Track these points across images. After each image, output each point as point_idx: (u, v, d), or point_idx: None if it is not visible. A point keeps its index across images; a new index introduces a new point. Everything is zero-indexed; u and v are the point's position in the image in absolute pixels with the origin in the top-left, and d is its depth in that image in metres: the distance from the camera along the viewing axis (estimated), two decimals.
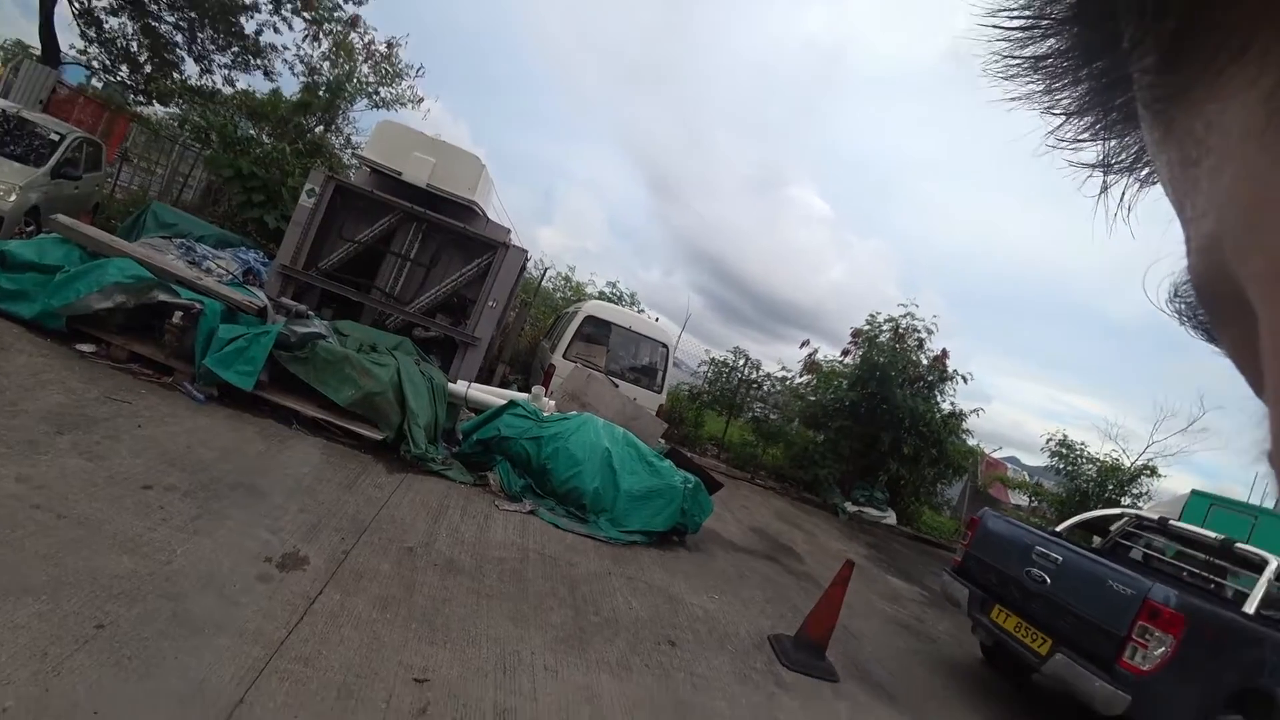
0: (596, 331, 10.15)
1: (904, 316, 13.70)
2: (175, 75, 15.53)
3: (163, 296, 5.45)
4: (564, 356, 9.54)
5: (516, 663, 3.39)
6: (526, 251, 9.29)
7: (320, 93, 14.59)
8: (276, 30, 15.49)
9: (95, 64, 15.57)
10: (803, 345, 14.49)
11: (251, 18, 15.22)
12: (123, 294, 5.35)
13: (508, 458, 6.36)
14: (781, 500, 12.37)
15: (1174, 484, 14.40)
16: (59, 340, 5.35)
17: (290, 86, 15.66)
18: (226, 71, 15.97)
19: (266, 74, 16.14)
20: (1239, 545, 5.92)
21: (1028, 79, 0.31)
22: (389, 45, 15.36)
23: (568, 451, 6.30)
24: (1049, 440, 15.87)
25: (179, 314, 5.44)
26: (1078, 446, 15.68)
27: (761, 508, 10.74)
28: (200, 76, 15.85)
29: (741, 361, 14.79)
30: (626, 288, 19.07)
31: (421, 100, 15.99)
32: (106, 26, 14.88)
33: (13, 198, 7.59)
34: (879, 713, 4.55)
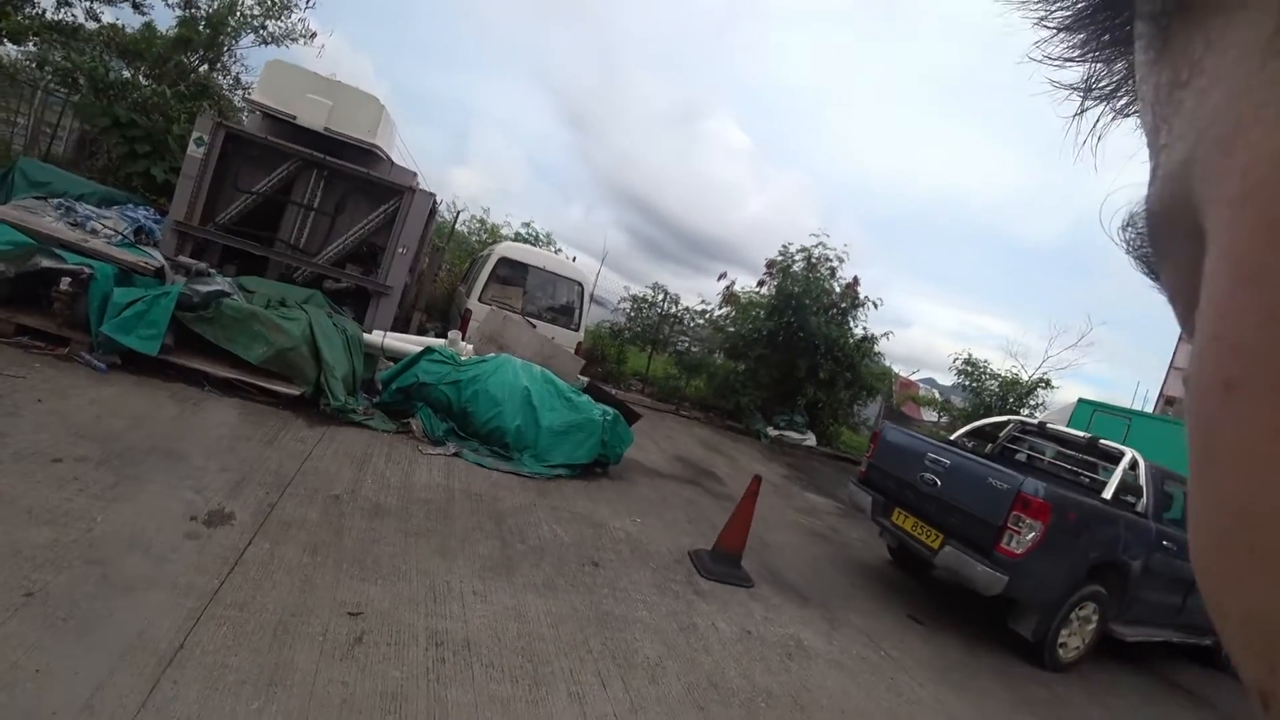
0: (512, 273, 10.19)
1: (816, 246, 14.25)
2: (28, 9, 13.99)
3: (46, 263, 5.21)
4: (480, 300, 9.57)
5: (446, 591, 3.66)
6: (435, 195, 9.15)
7: (200, 28, 13.55)
8: None
9: None
10: (720, 278, 14.90)
11: None
12: (2, 263, 5.08)
13: (429, 404, 6.49)
14: (705, 429, 12.94)
15: (1068, 395, 16.00)
16: None
17: (165, 21, 14.45)
18: (89, 4, 14.52)
19: (136, 6, 14.80)
20: (1102, 442, 6.75)
21: None
22: None
23: (487, 393, 6.48)
24: (955, 360, 17.07)
25: (67, 280, 5.21)
26: (981, 365, 16.96)
27: (685, 437, 11.25)
28: (58, 9, 14.36)
29: (660, 296, 15.10)
30: (542, 228, 18.95)
31: (314, 35, 15.08)
32: None
33: None
34: (791, 611, 5.05)
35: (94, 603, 2.65)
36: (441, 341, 7.20)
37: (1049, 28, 0.32)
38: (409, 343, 7.25)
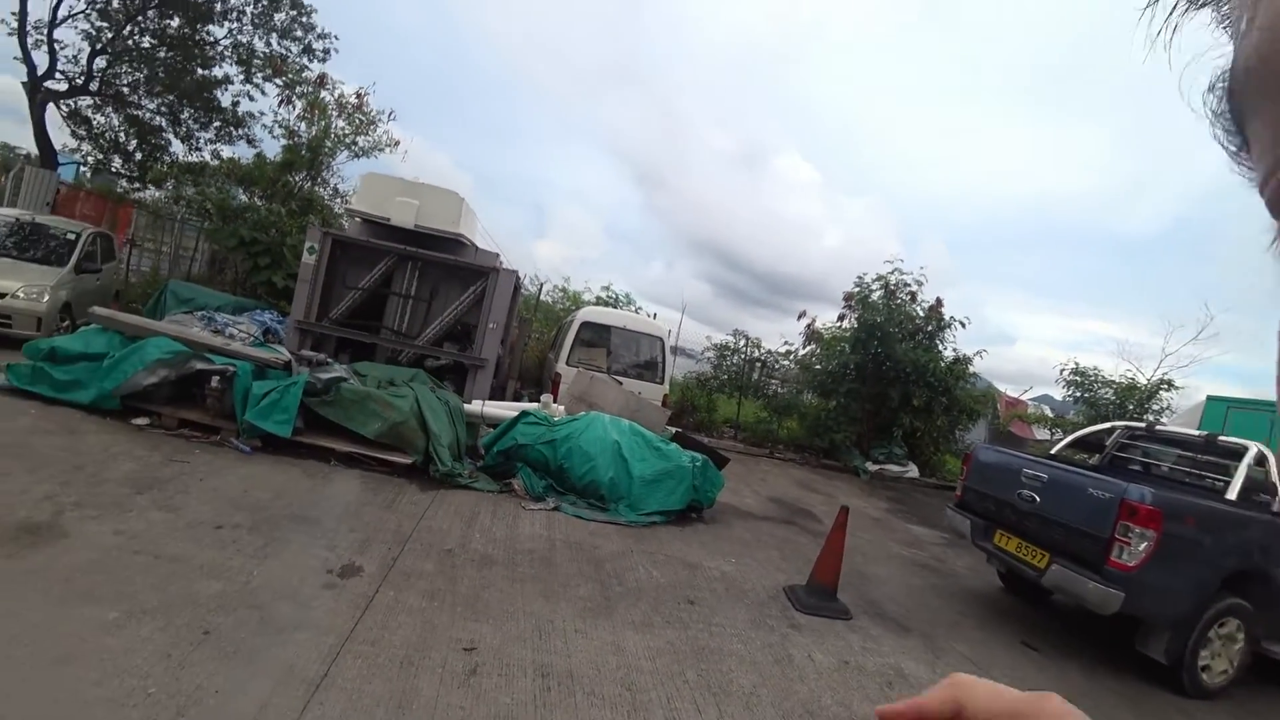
0: (595, 335, 10.76)
1: (892, 273, 14.12)
2: (165, 157, 16.34)
3: (200, 365, 6.10)
4: (567, 363, 10.15)
5: (550, 629, 3.96)
6: (517, 272, 9.90)
7: (302, 152, 15.34)
8: (251, 98, 16.25)
9: (89, 160, 16.43)
10: (800, 316, 14.93)
11: (225, 90, 15.99)
12: (165, 369, 6.01)
13: (528, 463, 6.93)
14: (801, 470, 12.84)
15: (1199, 393, 14.64)
16: (117, 418, 6.02)
17: (272, 149, 16.43)
18: (212, 146, 16.79)
19: (249, 142, 16.93)
20: (1220, 439, 6.25)
21: None
22: (359, 96, 16.04)
23: (581, 449, 6.86)
24: (1061, 371, 16.17)
25: (216, 379, 6.09)
26: (1092, 373, 15.96)
27: (780, 479, 11.23)
28: (189, 154, 16.68)
29: (742, 342, 15.28)
30: (621, 289, 19.69)
31: (398, 143, 16.67)
32: (94, 123, 15.71)
33: (46, 299, 8.31)
34: (891, 641, 4.99)
35: (255, 639, 3.12)
36: (535, 405, 7.72)
37: None
38: (506, 409, 7.81)
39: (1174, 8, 0.32)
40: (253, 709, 2.65)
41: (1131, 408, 15.01)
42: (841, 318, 14.53)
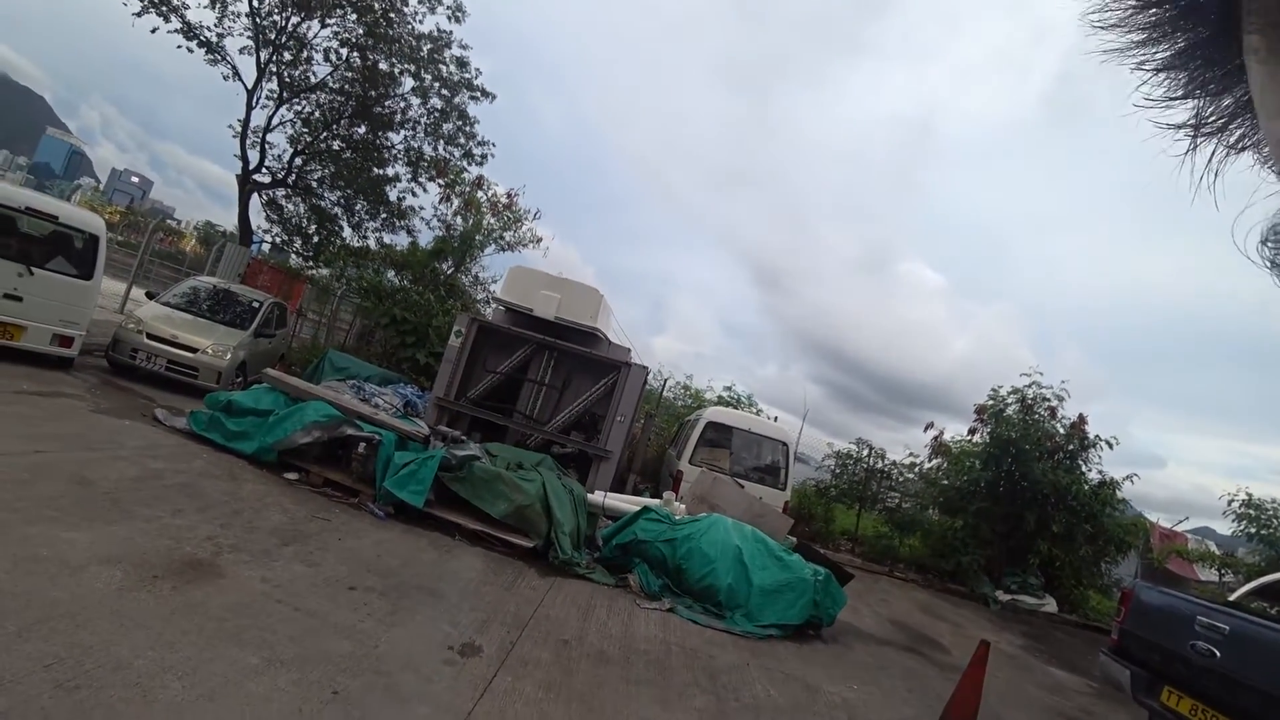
0: (718, 436, 10.66)
1: (1029, 386, 13.20)
2: (337, 241, 18.34)
3: (350, 431, 6.54)
4: (690, 462, 10.06)
5: None
6: (647, 368, 10.11)
7: (454, 243, 16.75)
8: (414, 194, 18.08)
9: (276, 240, 18.73)
10: (927, 428, 14.15)
11: (394, 186, 17.91)
12: (319, 430, 6.48)
13: (645, 559, 6.78)
14: (924, 592, 11.81)
15: None
16: (272, 470, 6.51)
17: (425, 238, 18.05)
18: (378, 234, 18.68)
19: (409, 232, 18.71)
20: None
21: (1129, 28, 0.31)
22: (510, 196, 17.50)
23: (700, 551, 6.64)
24: (1230, 501, 14.21)
25: (363, 445, 6.49)
26: (1268, 505, 13.92)
27: (902, 600, 10.36)
28: (358, 240, 18.62)
29: (865, 451, 14.62)
30: (744, 389, 19.54)
31: (540, 240, 17.88)
32: (285, 210, 17.99)
33: (228, 357, 9.32)
34: None
35: (380, 707, 3.11)
36: (657, 502, 7.64)
37: (1149, 70, 0.32)
38: (627, 502, 7.78)
39: (1211, 156, 0.32)
40: None
41: None
42: (972, 431, 13.62)
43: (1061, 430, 12.94)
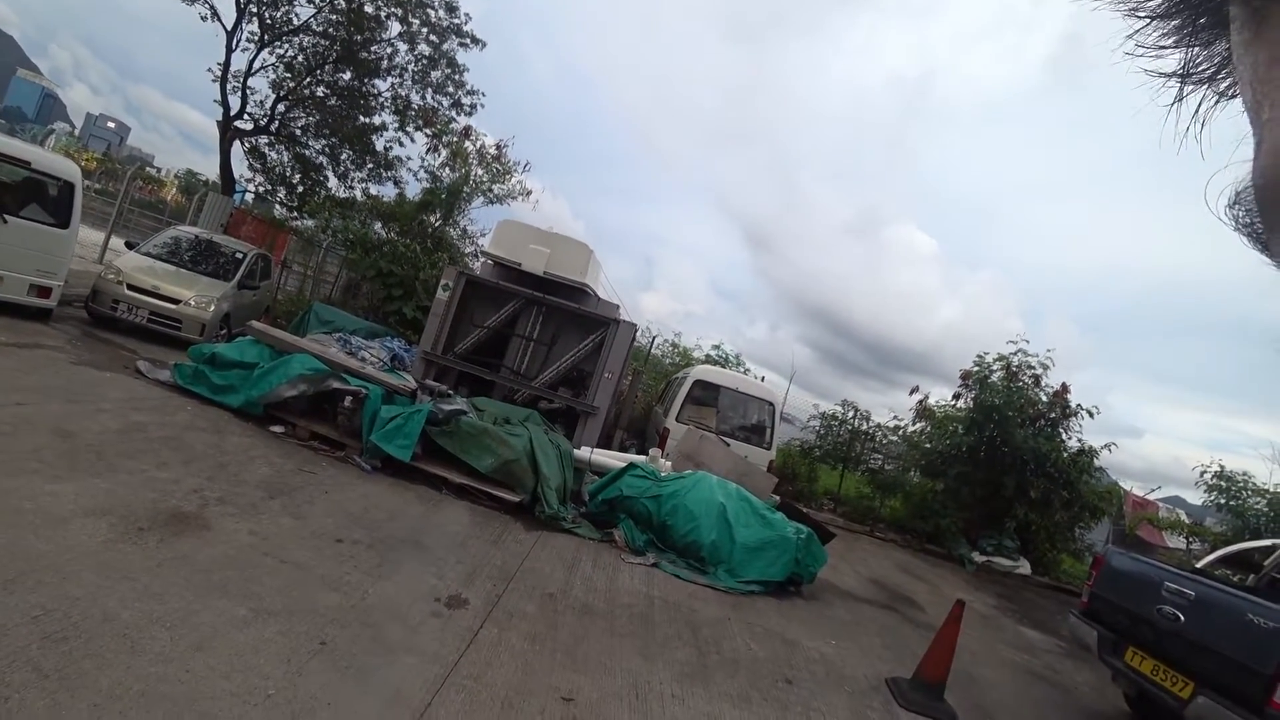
0: (706, 394, 10.69)
1: (1015, 354, 13.30)
2: (322, 191, 17.96)
3: (335, 384, 6.50)
4: (677, 420, 10.10)
5: (647, 690, 3.81)
6: (636, 325, 10.06)
7: (441, 195, 16.43)
8: (401, 144, 17.67)
9: (260, 189, 18.32)
10: (912, 392, 14.27)
11: (381, 135, 17.49)
12: (305, 384, 6.44)
13: (630, 515, 6.86)
14: (903, 553, 12.08)
15: None
16: (257, 423, 6.49)
17: (413, 190, 17.71)
18: (364, 184, 18.29)
19: (395, 183, 18.32)
20: None
21: None
22: (499, 147, 17.11)
23: (685, 508, 6.73)
24: (1203, 473, 14.56)
25: (349, 399, 6.47)
26: (1239, 478, 14.28)
27: (881, 560, 10.60)
28: (342, 190, 18.24)
29: (850, 413, 14.76)
30: (732, 349, 19.52)
31: (530, 192, 17.56)
32: (269, 159, 17.56)
33: (212, 309, 9.20)
34: None
35: (368, 658, 3.17)
36: (643, 458, 7.69)
37: (1142, 16, 0.32)
38: (613, 458, 7.83)
39: (1199, 105, 0.33)
40: None
41: None
42: (957, 396, 13.75)
43: (1045, 398, 13.08)
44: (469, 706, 3.08)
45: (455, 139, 16.83)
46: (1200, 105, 0.33)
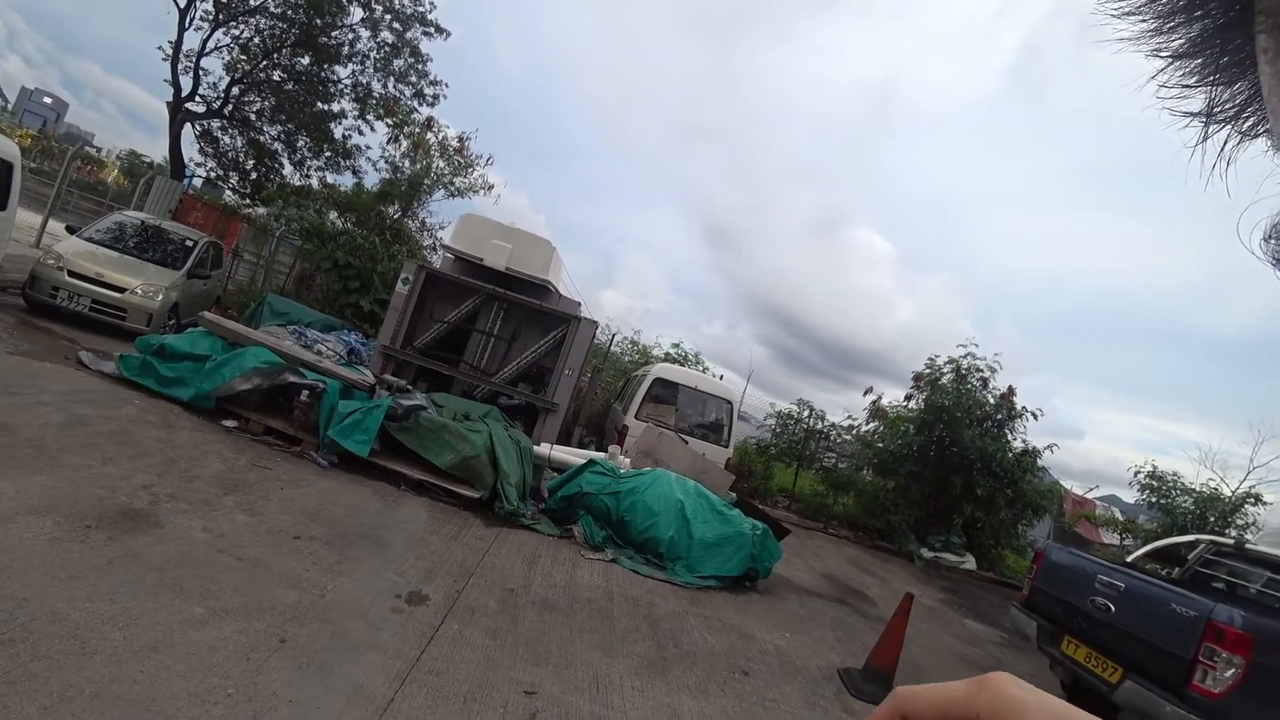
0: (665, 392, 10.79)
1: (964, 357, 13.76)
2: (276, 179, 17.46)
3: (291, 378, 6.38)
4: (636, 417, 10.18)
5: (608, 683, 3.87)
6: (596, 323, 10.09)
7: (401, 186, 16.14)
8: (361, 133, 17.30)
9: (211, 175, 17.71)
10: (866, 393, 14.63)
11: (339, 123, 17.09)
12: (260, 377, 6.30)
13: (590, 511, 6.91)
14: (855, 549, 12.39)
15: None
16: (209, 417, 6.32)
17: (372, 181, 17.36)
18: (320, 173, 17.84)
19: (354, 173, 17.92)
20: None
21: (1143, 17, 0.31)
22: (460, 140, 16.90)
23: (644, 504, 6.80)
24: (1136, 473, 15.28)
25: (305, 393, 6.35)
26: (1169, 478, 15.03)
27: (834, 556, 10.86)
28: (298, 178, 17.74)
29: (805, 413, 15.04)
30: (691, 347, 19.65)
31: (492, 187, 17.37)
32: (221, 143, 16.99)
33: (160, 298, 8.89)
34: None
35: (328, 654, 3.15)
36: (603, 455, 7.73)
37: (1165, 57, 0.32)
38: (573, 455, 7.85)
39: (1224, 144, 0.32)
40: None
41: (1213, 520, 13.94)
42: (909, 397, 14.18)
43: (992, 400, 13.58)
44: (432, 701, 3.09)
45: (417, 130, 16.57)
46: (1225, 144, 0.33)
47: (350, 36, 15.90)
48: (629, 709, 3.65)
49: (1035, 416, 13.55)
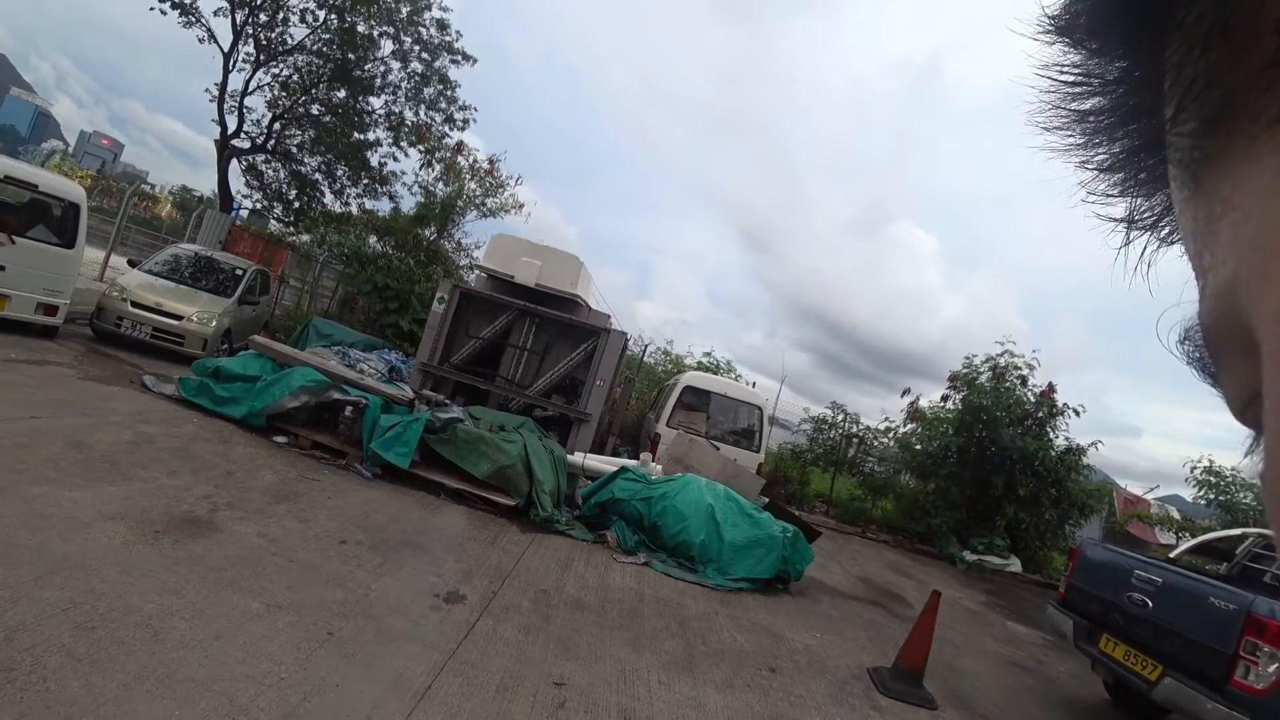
0: (696, 400, 10.98)
1: (1002, 355, 13.57)
2: (318, 207, 18.23)
3: (336, 395, 6.76)
4: (668, 425, 10.38)
5: (635, 677, 4.05)
6: (626, 334, 10.36)
7: (435, 209, 16.72)
8: (396, 160, 17.98)
9: (257, 205, 18.59)
10: (904, 394, 14.53)
11: (375, 151, 17.80)
12: (307, 395, 6.70)
13: (622, 517, 7.10)
14: (894, 552, 12.31)
15: None
16: (261, 434, 6.73)
17: (408, 204, 18.00)
18: (360, 201, 18.57)
19: (390, 198, 18.61)
20: None
21: (1070, 133, 0.34)
22: (491, 161, 17.43)
23: (675, 509, 6.97)
24: (1192, 469, 14.79)
25: (349, 409, 6.72)
26: (1229, 473, 14.50)
27: (871, 560, 10.83)
28: (338, 205, 18.49)
29: (840, 417, 15.01)
30: (722, 355, 19.82)
31: (522, 205, 17.85)
32: (265, 175, 17.84)
33: (214, 324, 9.45)
34: None
35: (371, 646, 3.40)
36: (634, 462, 7.95)
37: (1090, 169, 0.34)
38: (605, 463, 8.08)
39: (1144, 248, 0.35)
40: (365, 707, 2.90)
41: None
42: (945, 398, 14.04)
43: (1031, 398, 13.34)
44: (466, 689, 3.31)
45: (448, 154, 17.16)
46: (1145, 249, 0.35)
47: (382, 69, 16.59)
48: (655, 700, 3.82)
49: (1077, 413, 13.26)
